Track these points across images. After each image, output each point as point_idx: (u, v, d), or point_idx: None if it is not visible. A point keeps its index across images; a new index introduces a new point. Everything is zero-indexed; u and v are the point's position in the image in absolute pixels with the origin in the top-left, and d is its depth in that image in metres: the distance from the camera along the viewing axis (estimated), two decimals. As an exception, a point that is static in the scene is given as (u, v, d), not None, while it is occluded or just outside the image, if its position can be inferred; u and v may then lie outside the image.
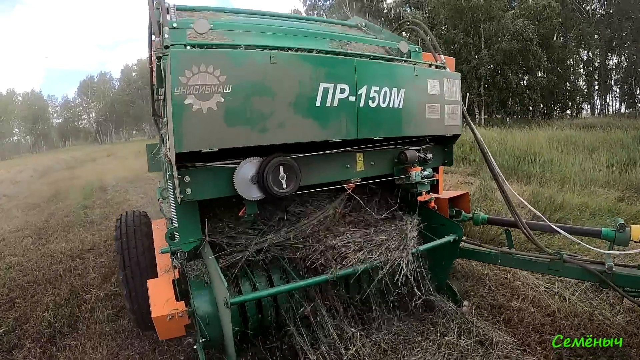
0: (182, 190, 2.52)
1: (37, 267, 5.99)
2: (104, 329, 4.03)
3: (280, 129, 2.50)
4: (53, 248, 6.93)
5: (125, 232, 3.84)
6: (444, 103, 3.37)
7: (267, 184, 2.58)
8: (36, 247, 7.14)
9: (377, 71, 2.89)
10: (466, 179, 10.47)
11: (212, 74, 2.25)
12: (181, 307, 2.66)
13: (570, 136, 14.83)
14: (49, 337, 4.01)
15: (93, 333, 3.96)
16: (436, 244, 3.39)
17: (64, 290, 5.01)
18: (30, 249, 7.09)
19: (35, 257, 6.52)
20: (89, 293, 4.85)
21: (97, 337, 3.88)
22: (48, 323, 4.21)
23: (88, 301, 4.65)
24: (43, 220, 9.58)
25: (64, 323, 4.20)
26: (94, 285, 5.10)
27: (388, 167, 3.45)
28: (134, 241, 3.73)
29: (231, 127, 2.34)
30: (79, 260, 6.16)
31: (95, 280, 5.28)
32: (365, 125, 2.84)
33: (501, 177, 3.66)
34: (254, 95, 2.39)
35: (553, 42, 33.74)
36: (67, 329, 4.10)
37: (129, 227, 3.90)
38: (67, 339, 3.92)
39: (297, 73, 2.54)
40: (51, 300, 4.73)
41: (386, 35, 3.99)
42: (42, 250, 6.88)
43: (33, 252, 6.81)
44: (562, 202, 7.11)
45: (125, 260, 3.59)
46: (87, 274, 5.49)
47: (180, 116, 2.19)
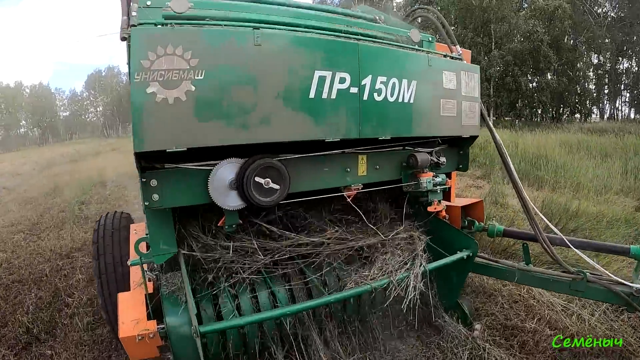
0: (147, 196, 2.17)
1: (25, 265, 5.81)
2: (82, 337, 3.77)
3: (264, 125, 2.09)
4: (43, 245, 6.73)
5: (103, 235, 3.56)
6: (461, 99, 2.93)
7: (247, 192, 2.16)
8: (27, 244, 6.96)
9: (384, 59, 2.46)
10: (475, 182, 10.16)
11: (180, 56, 1.87)
12: (152, 326, 2.35)
13: (582, 140, 14.62)
14: (25, 343, 3.79)
15: (70, 342, 3.71)
16: (448, 261, 3.00)
17: (47, 291, 4.81)
18: (21, 245, 6.91)
19: (25, 254, 6.34)
20: (71, 296, 4.62)
21: (74, 347, 3.64)
22: (26, 328, 3.99)
23: (70, 305, 4.41)
24: (38, 215, 9.42)
25: (42, 329, 3.98)
26: (78, 288, 4.87)
27: (395, 172, 3.03)
28: (111, 246, 3.47)
29: (203, 121, 1.96)
30: (67, 260, 5.95)
31: (80, 282, 5.05)
32: (369, 123, 2.41)
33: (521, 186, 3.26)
34: (232, 84, 2.01)
35: (563, 45, 33.51)
36: (45, 336, 3.88)
37: (107, 230, 3.61)
38: (43, 347, 3.70)
39: (287, 57, 2.13)
40: (33, 302, 4.54)
41: (395, 23, 3.55)
42: (32, 247, 6.69)
43: (23, 249, 6.63)
44: (577, 211, 6.81)
45: (100, 267, 3.32)
46: (73, 275, 5.28)
47: (140, 108, 1.84)
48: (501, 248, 5.22)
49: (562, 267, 3.08)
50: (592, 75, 38.82)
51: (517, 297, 4.00)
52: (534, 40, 29.75)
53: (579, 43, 35.90)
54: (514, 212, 7.01)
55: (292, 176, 2.36)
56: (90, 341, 3.72)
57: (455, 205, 3.85)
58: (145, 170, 2.15)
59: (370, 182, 2.88)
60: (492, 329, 3.52)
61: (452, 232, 3.26)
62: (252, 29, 2.03)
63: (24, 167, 25.53)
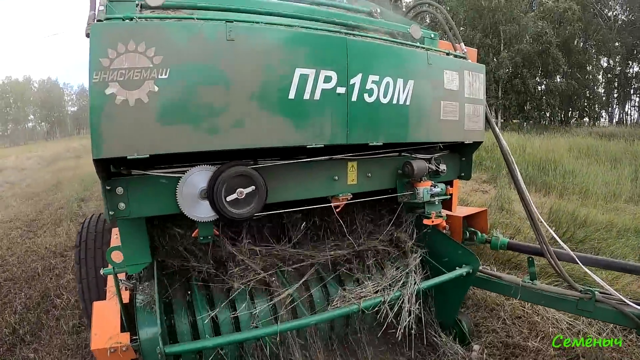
0: (112, 205, 1.96)
1: (19, 262, 5.80)
2: (66, 341, 3.69)
3: (237, 129, 1.86)
4: (39, 242, 6.68)
5: (85, 239, 3.44)
6: (464, 101, 2.68)
7: (217, 203, 1.92)
8: (23, 240, 6.93)
9: (377, 55, 2.21)
10: (481, 187, 9.84)
11: (143, 53, 1.67)
12: (125, 339, 2.21)
13: (591, 145, 14.44)
14: (10, 345, 3.73)
15: (54, 346, 3.64)
16: (445, 278, 2.76)
17: (37, 291, 4.77)
18: (17, 242, 6.87)
19: (20, 251, 6.31)
20: (60, 297, 4.54)
21: (58, 350, 3.56)
22: (12, 329, 3.95)
23: (57, 307, 4.35)
24: (37, 211, 9.36)
25: (28, 330, 3.93)
26: (67, 289, 4.80)
27: (389, 181, 2.77)
28: (93, 250, 3.37)
29: (167, 125, 1.74)
30: (60, 258, 5.93)
31: (70, 283, 4.98)
32: (358, 127, 2.17)
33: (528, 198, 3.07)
34: (200, 83, 1.78)
35: (573, 47, 33.13)
36: (30, 338, 3.82)
37: (89, 234, 3.49)
38: (27, 349, 3.64)
39: (264, 53, 1.90)
40: (22, 302, 4.50)
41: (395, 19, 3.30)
42: (28, 244, 6.65)
43: (18, 246, 6.60)
44: (586, 219, 6.60)
45: (82, 272, 3.22)
46: (64, 275, 5.24)
47: (99, 111, 1.65)
48: (505, 258, 5.01)
49: (570, 284, 2.94)
50: (602, 79, 38.45)
51: (521, 313, 3.81)
52: (543, 42, 29.48)
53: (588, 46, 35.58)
54: (520, 220, 6.79)
55: (271, 185, 2.13)
56: (74, 345, 3.62)
57: (456, 215, 3.65)
58: (111, 176, 1.96)
59: (361, 191, 2.63)
60: (493, 347, 3.34)
61: (451, 245, 3.02)
62: (225, 22, 1.81)
63: (29, 161, 25.70)
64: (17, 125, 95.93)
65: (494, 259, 4.97)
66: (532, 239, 5.92)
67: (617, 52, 35.61)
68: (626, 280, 4.19)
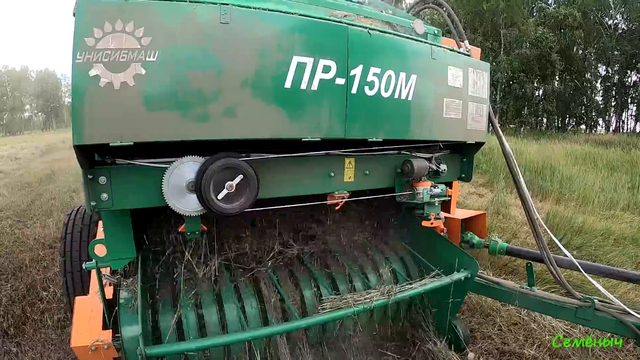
0: (95, 195, 1.85)
1: (6, 253, 5.66)
2: (50, 336, 3.62)
3: (228, 118, 1.74)
4: (29, 233, 6.54)
5: (71, 231, 3.37)
6: (468, 100, 2.57)
7: (205, 196, 1.81)
8: (12, 231, 6.75)
9: (380, 46, 2.09)
10: (477, 190, 9.86)
11: (131, 34, 1.57)
12: (107, 337, 2.10)
13: (588, 152, 14.42)
14: None
15: (38, 340, 3.57)
16: (443, 283, 2.65)
17: (23, 283, 4.67)
18: (6, 232, 6.68)
19: (8, 241, 6.15)
20: (46, 290, 4.47)
21: (41, 345, 3.48)
22: None
23: (43, 300, 4.27)
24: (29, 202, 9.18)
25: (12, 323, 3.83)
26: (54, 281, 4.72)
27: (387, 179, 2.66)
28: (78, 243, 3.30)
29: (153, 111, 1.64)
30: (48, 250, 5.82)
31: (57, 275, 4.87)
32: (357, 121, 2.05)
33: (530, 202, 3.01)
34: (191, 68, 1.67)
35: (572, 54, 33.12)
36: (14, 331, 3.73)
37: (75, 226, 3.41)
38: (10, 343, 3.56)
39: (260, 39, 1.78)
40: (7, 294, 4.37)
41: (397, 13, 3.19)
42: (17, 235, 6.50)
43: (7, 236, 6.42)
44: (583, 226, 6.59)
45: (67, 265, 3.17)
46: (52, 267, 5.15)
47: (81, 94, 1.56)
48: (502, 263, 4.99)
49: (569, 292, 2.88)
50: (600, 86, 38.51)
51: (517, 319, 3.76)
52: (543, 47, 29.48)
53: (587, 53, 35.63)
54: (516, 224, 6.80)
55: (263, 180, 2.02)
56: (57, 340, 3.55)
57: (455, 218, 3.56)
58: (94, 165, 1.85)
59: (358, 189, 2.52)
60: (488, 354, 3.29)
61: (449, 248, 2.91)
62: (219, 4, 1.69)
63: (24, 151, 25.40)
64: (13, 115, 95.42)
65: (490, 264, 4.90)
66: (529, 244, 5.88)
67: (616, 61, 35.61)
68: (623, 289, 4.14)
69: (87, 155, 1.79)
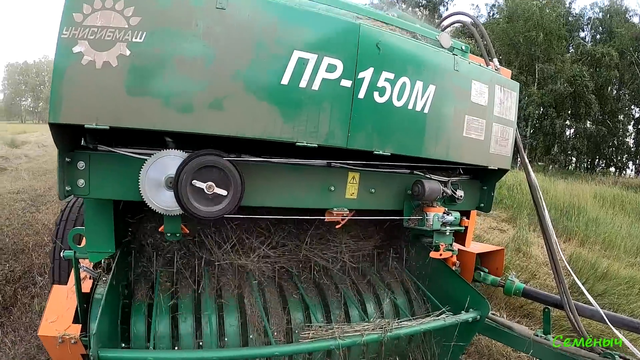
0: (70, 179, 1.74)
1: (13, 234, 5.73)
2: (35, 321, 3.54)
3: (214, 111, 1.58)
4: (39, 218, 6.64)
5: (67, 218, 3.35)
6: (492, 120, 2.32)
7: (181, 196, 1.61)
8: (24, 213, 6.91)
9: (395, 49, 1.89)
10: (499, 225, 9.36)
11: (120, 12, 1.50)
12: (75, 331, 2.04)
13: (617, 195, 13.95)
14: None
15: (22, 323, 3.55)
16: (449, 323, 2.38)
17: (22, 265, 4.72)
18: (18, 214, 6.85)
19: (18, 223, 6.26)
20: (42, 275, 4.44)
21: (24, 329, 3.45)
22: None
23: (37, 284, 4.27)
24: (46, 188, 9.43)
25: (1, 302, 3.87)
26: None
27: (395, 201, 2.41)
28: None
29: (134, 96, 1.53)
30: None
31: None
32: (362, 129, 1.84)
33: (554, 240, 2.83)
34: (179, 53, 1.54)
35: (607, 94, 32.43)
36: (1, 310, 3.75)
37: (72, 214, 3.40)
38: None
39: (259, 28, 1.61)
40: (3, 274, 4.43)
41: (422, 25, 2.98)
42: (27, 218, 6.64)
43: (18, 218, 6.57)
44: (607, 272, 6.18)
45: (56, 250, 3.09)
46: None
47: (62, 70, 1.49)
48: (518, 304, 4.67)
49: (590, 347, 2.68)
50: (632, 129, 37.65)
51: None
52: (578, 85, 28.95)
53: (622, 94, 34.95)
54: (537, 264, 6.41)
55: (251, 185, 1.82)
56: None
57: (469, 252, 3.28)
58: (74, 149, 1.74)
59: (361, 208, 2.28)
60: None
61: (459, 285, 2.63)
62: None
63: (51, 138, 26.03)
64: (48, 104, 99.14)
65: (504, 304, 4.62)
66: (549, 286, 5.52)
67: (650, 102, 34.87)
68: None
69: (66, 137, 1.68)
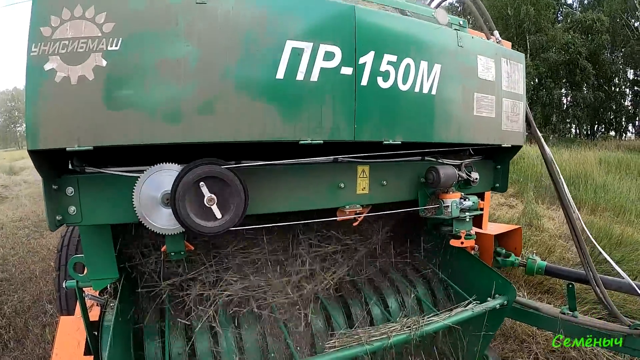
0: (60, 208, 1.61)
1: (19, 263, 5.74)
2: (48, 352, 3.47)
3: (205, 117, 1.44)
4: (44, 243, 6.62)
5: (68, 244, 3.20)
6: (502, 95, 2.19)
7: (180, 212, 1.48)
8: (28, 241, 6.90)
9: (394, 30, 1.75)
10: (508, 201, 9.34)
11: (91, 20, 1.36)
12: None
13: (621, 159, 13.82)
14: None
15: (35, 355, 3.51)
16: (475, 313, 2.26)
17: (30, 294, 4.68)
18: (22, 242, 6.82)
19: (23, 251, 6.25)
20: (51, 303, 4.36)
21: None
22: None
23: (47, 313, 4.21)
24: None
25: (13, 336, 3.82)
26: None
27: (409, 191, 2.27)
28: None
29: (115, 110, 1.38)
30: None
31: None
32: (369, 119, 1.70)
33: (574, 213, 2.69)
34: (160, 56, 1.40)
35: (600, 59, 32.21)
36: (13, 344, 3.69)
37: (72, 238, 3.24)
38: (8, 356, 3.54)
39: (245, 20, 1.47)
40: (13, 305, 4.40)
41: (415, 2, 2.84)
42: (32, 245, 6.62)
43: (23, 246, 6.54)
44: (621, 238, 6.13)
45: (61, 279, 3.01)
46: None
47: (35, 91, 1.36)
48: (537, 281, 4.62)
49: (618, 318, 2.60)
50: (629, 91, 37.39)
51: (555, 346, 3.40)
52: (571, 52, 28.81)
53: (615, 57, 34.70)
54: (550, 237, 6.28)
55: (254, 192, 1.69)
56: None
57: (487, 234, 3.16)
58: (61, 174, 1.61)
59: (373, 202, 2.15)
60: None
61: (483, 271, 2.50)
62: None
63: (51, 164, 26.65)
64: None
65: (524, 282, 4.59)
66: (566, 259, 5.40)
67: (644, 64, 34.57)
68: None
69: (49, 163, 1.53)
